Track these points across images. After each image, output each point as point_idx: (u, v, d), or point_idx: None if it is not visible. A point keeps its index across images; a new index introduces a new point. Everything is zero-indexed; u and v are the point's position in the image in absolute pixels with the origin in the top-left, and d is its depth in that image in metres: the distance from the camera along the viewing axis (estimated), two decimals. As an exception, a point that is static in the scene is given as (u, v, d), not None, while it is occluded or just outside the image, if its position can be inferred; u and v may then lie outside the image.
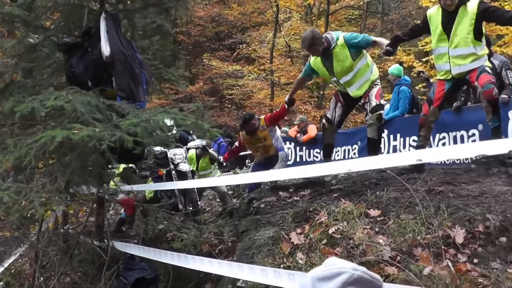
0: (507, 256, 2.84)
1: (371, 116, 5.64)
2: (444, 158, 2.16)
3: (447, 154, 2.08)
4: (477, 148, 2.29)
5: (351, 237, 3.16)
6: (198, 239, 4.92)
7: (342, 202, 3.70)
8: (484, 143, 2.14)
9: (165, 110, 4.83)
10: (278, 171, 5.42)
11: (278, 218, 4.22)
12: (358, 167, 3.04)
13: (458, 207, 3.26)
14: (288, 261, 3.36)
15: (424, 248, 2.86)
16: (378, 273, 2.79)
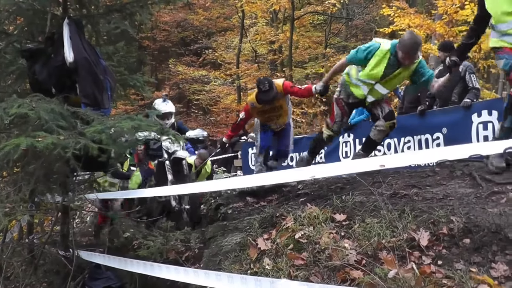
0: (470, 257, 2.92)
1: (384, 124, 5.56)
2: (407, 163, 2.21)
3: (410, 159, 2.13)
4: (439, 153, 2.34)
5: (317, 241, 3.20)
6: (165, 247, 4.89)
7: (308, 207, 3.74)
8: (446, 149, 2.20)
9: (129, 116, 4.79)
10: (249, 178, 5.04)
11: (245, 224, 4.23)
12: (323, 173, 3.08)
13: (423, 210, 3.33)
14: (255, 267, 3.37)
15: (389, 251, 2.91)
16: (343, 277, 2.84)
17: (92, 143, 4.11)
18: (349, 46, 24.29)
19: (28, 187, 4.71)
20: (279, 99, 6.30)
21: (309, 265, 3.06)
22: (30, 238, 6.37)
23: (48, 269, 5.40)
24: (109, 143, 4.30)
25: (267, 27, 22.47)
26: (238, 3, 21.18)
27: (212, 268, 3.83)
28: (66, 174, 5.02)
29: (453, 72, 5.03)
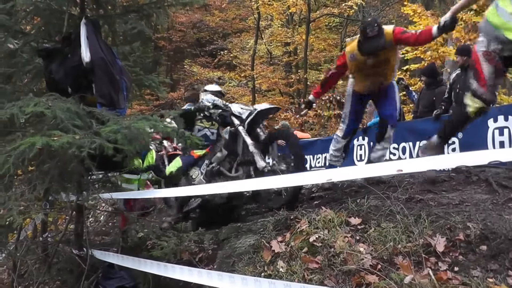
0: (487, 264, 2.88)
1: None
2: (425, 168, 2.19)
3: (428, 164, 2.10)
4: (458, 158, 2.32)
5: (332, 245, 3.17)
6: (178, 247, 4.88)
7: (323, 210, 3.71)
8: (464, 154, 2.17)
9: (145, 117, 4.80)
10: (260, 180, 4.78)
11: (259, 226, 4.22)
12: (340, 177, 3.06)
13: (439, 215, 3.30)
14: (269, 270, 3.35)
15: (405, 257, 2.88)
16: (358, 281, 2.82)
17: (107, 143, 4.12)
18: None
19: (42, 185, 4.74)
20: (387, 51, 5.08)
21: (323, 268, 3.04)
22: (44, 237, 6.42)
23: (61, 267, 5.42)
24: (125, 143, 4.31)
25: (283, 28, 22.46)
26: (254, 4, 21.23)
27: (225, 270, 3.82)
28: (81, 173, 5.03)
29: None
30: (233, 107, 5.87)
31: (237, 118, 5.79)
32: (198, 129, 6.53)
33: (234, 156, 5.92)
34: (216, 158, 6.04)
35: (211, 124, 6.50)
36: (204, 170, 6.20)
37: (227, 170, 5.91)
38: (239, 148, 5.81)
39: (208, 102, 5.91)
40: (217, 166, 6.00)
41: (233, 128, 5.78)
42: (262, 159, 5.36)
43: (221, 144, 5.97)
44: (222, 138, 6.00)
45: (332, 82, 6.09)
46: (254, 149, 5.43)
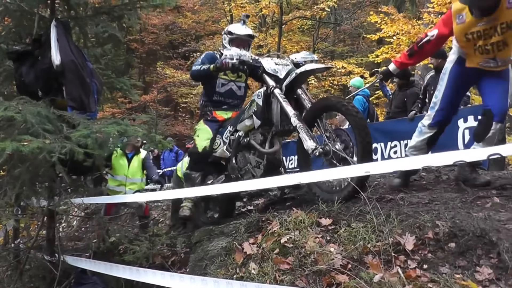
0: (455, 261, 2.94)
1: None
2: (392, 170, 2.23)
3: (395, 166, 2.15)
4: (424, 160, 2.37)
5: (303, 246, 3.20)
6: (151, 251, 4.88)
7: (294, 211, 3.74)
8: (431, 156, 2.24)
9: (115, 121, 4.79)
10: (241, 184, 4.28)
11: (231, 229, 4.22)
12: (309, 179, 3.09)
13: (408, 214, 3.35)
14: (241, 272, 3.37)
15: (375, 256, 2.92)
16: (329, 281, 2.85)
17: (78, 148, 4.10)
18: (337, 51, 24.47)
19: (13, 191, 4.69)
20: (507, 10, 3.76)
21: (294, 269, 3.06)
22: (15, 243, 6.33)
23: (33, 274, 5.36)
24: (95, 148, 4.29)
25: (256, 31, 22.50)
26: (227, 7, 21.23)
27: (198, 273, 3.84)
28: (52, 178, 4.99)
29: None
30: (266, 62, 4.86)
31: (271, 77, 4.74)
32: (221, 83, 5.45)
33: (268, 127, 4.87)
34: (243, 126, 5.09)
35: (238, 76, 5.50)
36: (227, 139, 5.25)
37: (259, 143, 4.90)
38: (274, 116, 4.73)
39: (232, 58, 4.82)
40: (246, 137, 5.06)
41: (266, 90, 4.75)
42: (310, 137, 4.23)
43: (252, 110, 4.93)
44: (253, 102, 4.94)
45: (427, 51, 4.53)
46: (298, 121, 4.31)
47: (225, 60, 4.83)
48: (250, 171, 4.99)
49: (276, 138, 4.89)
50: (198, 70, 5.24)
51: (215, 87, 5.43)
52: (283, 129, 4.69)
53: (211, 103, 5.53)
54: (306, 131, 4.24)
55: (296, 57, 5.05)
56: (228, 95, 5.50)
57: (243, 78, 5.53)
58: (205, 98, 5.60)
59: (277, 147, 4.85)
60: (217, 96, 5.49)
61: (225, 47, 5.37)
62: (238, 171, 5.11)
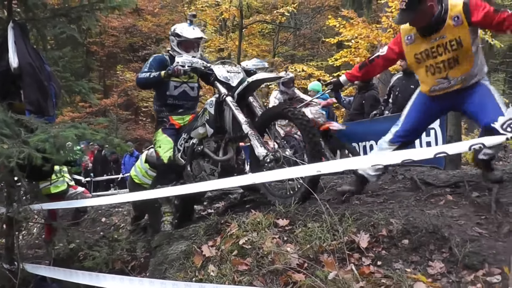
0: (408, 256, 3.05)
1: None
2: (342, 169, 2.30)
3: (345, 165, 2.23)
4: (372, 159, 2.45)
5: (261, 247, 3.25)
6: (110, 257, 4.84)
7: (252, 213, 3.79)
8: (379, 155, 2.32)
9: (73, 125, 4.72)
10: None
11: (190, 232, 4.24)
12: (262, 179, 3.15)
13: (363, 213, 3.45)
14: (200, 274, 3.39)
15: (330, 254, 2.99)
16: (286, 280, 2.91)
17: (36, 152, 4.03)
18: (297, 55, 24.71)
19: (-30, 198, 4.59)
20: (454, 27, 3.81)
21: (252, 270, 3.11)
22: (-27, 252, 6.18)
23: (-9, 283, 5.24)
24: (53, 152, 4.22)
25: (216, 35, 22.52)
26: (187, 10, 21.16)
27: (157, 277, 3.82)
28: (10, 184, 4.90)
29: None
30: (218, 70, 4.79)
31: (223, 85, 4.72)
32: (174, 86, 5.34)
33: (221, 134, 4.85)
34: (197, 134, 5.05)
35: (189, 77, 5.36)
36: (181, 147, 5.18)
37: (213, 151, 4.90)
38: (227, 124, 4.71)
39: (184, 65, 4.80)
40: (200, 144, 5.02)
41: (218, 98, 4.73)
42: (261, 144, 4.28)
43: (205, 119, 4.89)
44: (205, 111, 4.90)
45: (376, 66, 4.51)
46: (250, 129, 4.35)
47: (176, 67, 4.82)
48: (205, 178, 4.96)
49: (230, 145, 4.89)
50: (146, 78, 5.16)
51: (168, 90, 5.35)
52: (236, 136, 4.68)
53: (166, 107, 5.44)
54: (257, 138, 4.30)
55: (247, 64, 5.05)
56: (182, 97, 5.44)
57: (195, 78, 5.44)
58: (159, 102, 5.51)
59: (231, 154, 4.86)
60: (171, 100, 5.41)
61: (175, 50, 5.34)
62: (193, 178, 5.07)
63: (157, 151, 5.28)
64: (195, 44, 5.36)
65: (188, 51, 5.25)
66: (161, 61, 5.33)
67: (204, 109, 4.92)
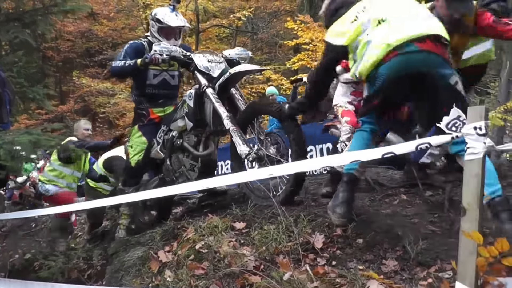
0: (363, 256, 3.09)
1: None
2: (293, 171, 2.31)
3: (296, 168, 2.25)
4: (323, 161, 2.49)
5: (217, 250, 3.24)
6: (66, 266, 4.77)
7: (209, 217, 3.78)
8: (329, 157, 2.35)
9: (27, 131, 4.66)
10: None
11: (147, 238, 4.20)
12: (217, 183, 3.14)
13: (318, 214, 3.48)
14: (157, 280, 3.36)
15: (285, 255, 3.01)
16: (242, 283, 2.91)
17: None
18: (255, 59, 24.74)
19: None
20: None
21: (209, 274, 3.10)
22: None
23: None
24: (7, 159, 4.15)
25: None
26: (142, 14, 20.97)
27: (114, 285, 3.79)
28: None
29: None
30: (198, 59, 4.54)
31: (203, 75, 4.47)
32: (153, 74, 5.02)
33: (201, 128, 4.63)
34: (176, 126, 4.83)
35: (169, 66, 5.03)
36: (161, 139, 4.94)
37: (192, 145, 4.67)
38: (207, 117, 4.48)
39: (162, 54, 4.51)
40: (180, 138, 4.79)
41: (198, 89, 4.48)
42: (244, 141, 4.05)
43: (184, 111, 4.66)
44: (184, 103, 4.67)
45: None
46: (231, 124, 4.11)
47: (154, 56, 4.54)
48: (185, 173, 4.78)
49: (211, 139, 4.71)
50: (122, 67, 4.82)
51: (147, 79, 5.01)
52: (217, 130, 4.48)
53: (145, 97, 5.10)
54: (240, 135, 4.07)
55: (229, 53, 4.79)
56: (162, 86, 5.11)
57: (176, 66, 5.08)
58: (137, 92, 5.16)
59: (212, 149, 4.65)
60: (150, 89, 5.07)
61: (154, 36, 4.98)
62: (173, 173, 4.88)
63: (129, 152, 5.10)
64: (177, 31, 5.03)
65: (169, 38, 4.91)
66: (137, 48, 4.98)
67: (183, 101, 4.73)
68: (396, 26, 3.10)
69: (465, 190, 1.85)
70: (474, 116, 1.86)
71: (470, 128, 1.86)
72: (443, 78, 3.06)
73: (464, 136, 1.87)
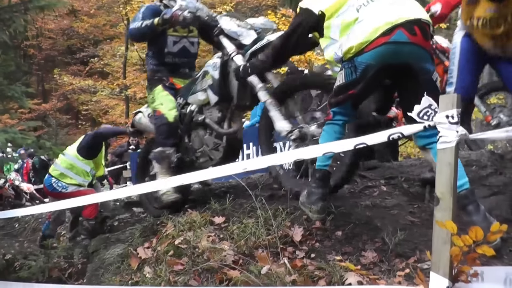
0: (342, 248, 3.08)
1: None
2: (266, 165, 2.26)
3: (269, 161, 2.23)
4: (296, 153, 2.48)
5: (196, 245, 3.22)
6: (47, 265, 4.73)
7: (189, 212, 3.76)
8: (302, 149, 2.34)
9: (3, 129, 4.62)
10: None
11: (127, 235, 4.18)
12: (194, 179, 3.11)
13: (297, 207, 3.43)
14: (136, 277, 3.34)
15: (264, 249, 3.00)
16: (221, 278, 2.89)
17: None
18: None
19: None
20: None
21: (188, 269, 3.08)
22: None
23: None
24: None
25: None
26: (123, 10, 20.81)
27: (95, 283, 3.77)
28: None
29: None
30: (226, 22, 3.98)
31: (231, 41, 3.93)
32: (173, 41, 4.56)
33: (226, 103, 4.13)
34: (196, 100, 4.33)
35: (189, 31, 4.59)
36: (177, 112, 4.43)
37: (216, 122, 4.17)
38: (233, 89, 3.98)
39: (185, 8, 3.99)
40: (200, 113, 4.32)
41: (222, 57, 4.01)
42: (283, 117, 3.53)
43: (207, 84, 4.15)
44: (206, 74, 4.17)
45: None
46: (268, 96, 3.59)
47: (175, 12, 4.03)
48: (207, 153, 4.31)
49: (237, 114, 4.26)
50: (138, 28, 4.35)
51: (165, 46, 4.55)
52: (244, 104, 4.06)
53: (164, 67, 4.62)
54: (279, 109, 3.56)
55: (254, 22, 4.16)
56: (182, 54, 4.66)
57: (195, 32, 4.63)
58: (155, 61, 4.66)
59: (238, 126, 4.23)
60: (170, 58, 4.61)
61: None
62: (193, 153, 4.43)
63: (158, 109, 4.40)
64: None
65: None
66: (154, 10, 4.47)
67: (204, 71, 4.23)
68: (385, 8, 2.90)
69: (438, 179, 1.85)
70: (446, 104, 1.84)
71: (442, 116, 1.84)
72: (427, 73, 2.96)
73: (436, 124, 1.86)
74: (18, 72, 11.62)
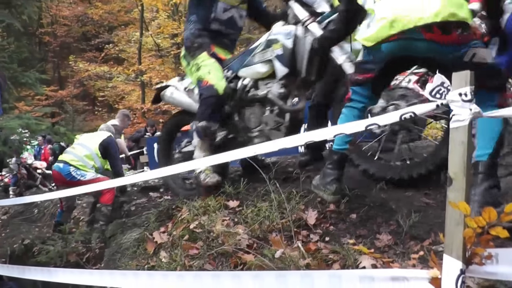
0: (356, 231, 3.07)
1: None
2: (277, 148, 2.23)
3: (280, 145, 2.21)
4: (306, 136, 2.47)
5: (211, 230, 3.24)
6: (64, 250, 4.79)
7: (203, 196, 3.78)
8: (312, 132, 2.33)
9: (18, 116, 4.66)
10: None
11: (143, 219, 4.22)
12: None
13: (310, 190, 3.43)
14: (152, 261, 3.36)
15: (278, 233, 3.00)
16: (235, 262, 2.90)
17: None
18: (253, 38, 24.48)
19: None
20: None
21: (203, 254, 3.10)
22: None
23: None
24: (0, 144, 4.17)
25: (169, 20, 22.17)
26: (136, -4, 20.83)
27: (112, 267, 3.80)
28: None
29: None
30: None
31: (304, 7, 3.57)
32: (223, 8, 4.17)
33: (293, 77, 3.74)
34: (252, 73, 3.95)
35: (241, 2, 4.29)
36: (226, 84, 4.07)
37: (281, 97, 3.77)
38: (299, 62, 3.62)
39: None
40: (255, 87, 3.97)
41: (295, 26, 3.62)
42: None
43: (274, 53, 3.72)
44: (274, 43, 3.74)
45: None
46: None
47: None
48: (266, 133, 3.93)
49: (302, 90, 3.93)
50: None
51: (214, 11, 4.17)
52: (310, 80, 3.72)
53: (209, 33, 4.23)
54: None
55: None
56: (229, 25, 4.30)
57: (245, 5, 4.36)
58: (199, 26, 4.24)
59: (304, 103, 3.89)
60: (216, 24, 4.23)
61: None
62: (245, 132, 4.10)
63: (205, 78, 4.01)
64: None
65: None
66: None
67: (272, 40, 3.76)
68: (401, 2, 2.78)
69: (451, 158, 1.80)
70: (459, 82, 1.80)
71: (455, 94, 1.80)
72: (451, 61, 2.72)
73: (449, 103, 1.82)
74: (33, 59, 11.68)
